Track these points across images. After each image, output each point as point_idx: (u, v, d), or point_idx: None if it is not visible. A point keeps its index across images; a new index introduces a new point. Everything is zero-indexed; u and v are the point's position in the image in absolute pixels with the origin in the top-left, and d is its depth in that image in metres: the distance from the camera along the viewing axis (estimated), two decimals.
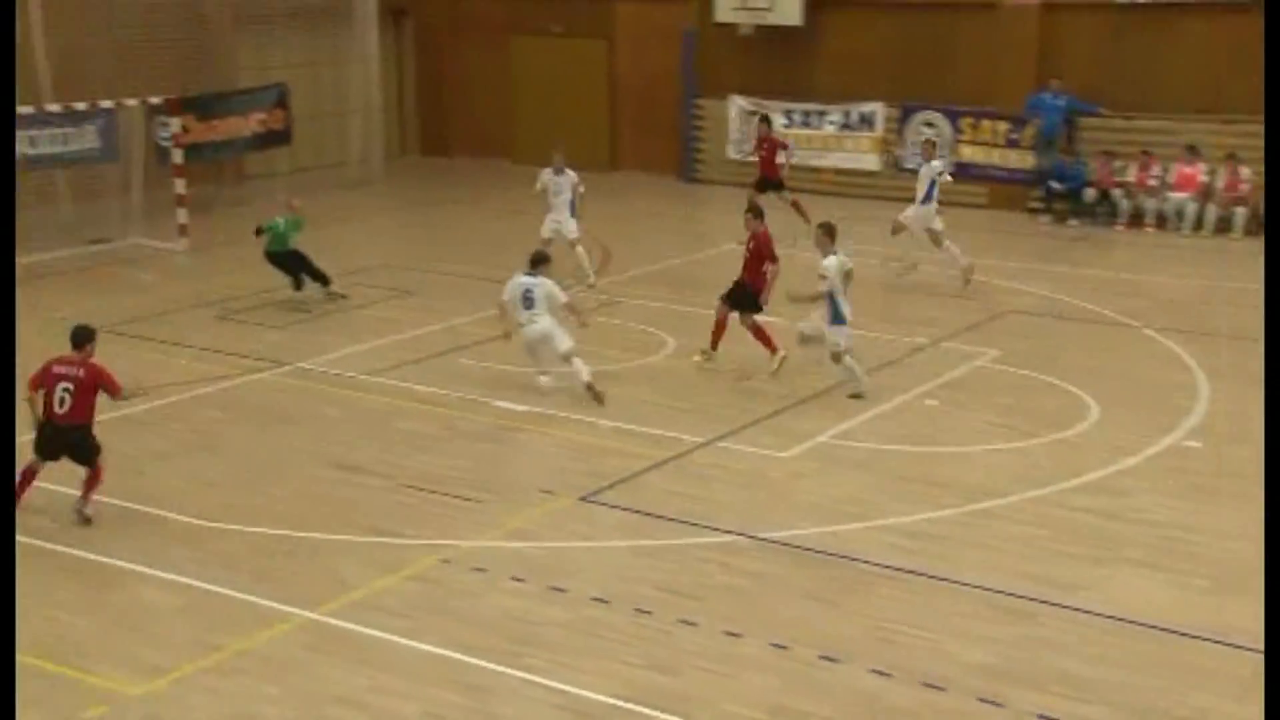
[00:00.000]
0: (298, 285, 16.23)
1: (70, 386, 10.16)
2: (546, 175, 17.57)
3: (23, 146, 17.93)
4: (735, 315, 13.93)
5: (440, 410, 12.72)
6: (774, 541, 10.01)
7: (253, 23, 23.47)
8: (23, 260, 17.49)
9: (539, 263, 13.14)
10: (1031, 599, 9.17)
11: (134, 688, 7.93)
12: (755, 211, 14.62)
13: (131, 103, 19.40)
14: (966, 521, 10.47)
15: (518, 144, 26.74)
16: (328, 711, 7.76)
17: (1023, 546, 10.01)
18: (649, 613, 8.92)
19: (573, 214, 17.28)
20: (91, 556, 9.57)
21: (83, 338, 10.40)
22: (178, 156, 19.60)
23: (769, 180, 20.31)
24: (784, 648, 8.52)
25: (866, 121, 23.91)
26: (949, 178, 18.50)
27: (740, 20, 24.12)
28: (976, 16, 22.96)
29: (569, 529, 10.21)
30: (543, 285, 12.91)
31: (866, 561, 9.69)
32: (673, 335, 15.25)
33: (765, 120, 21.25)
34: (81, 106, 18.66)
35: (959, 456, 11.84)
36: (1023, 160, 22.46)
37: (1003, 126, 22.53)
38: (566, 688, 8.03)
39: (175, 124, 19.65)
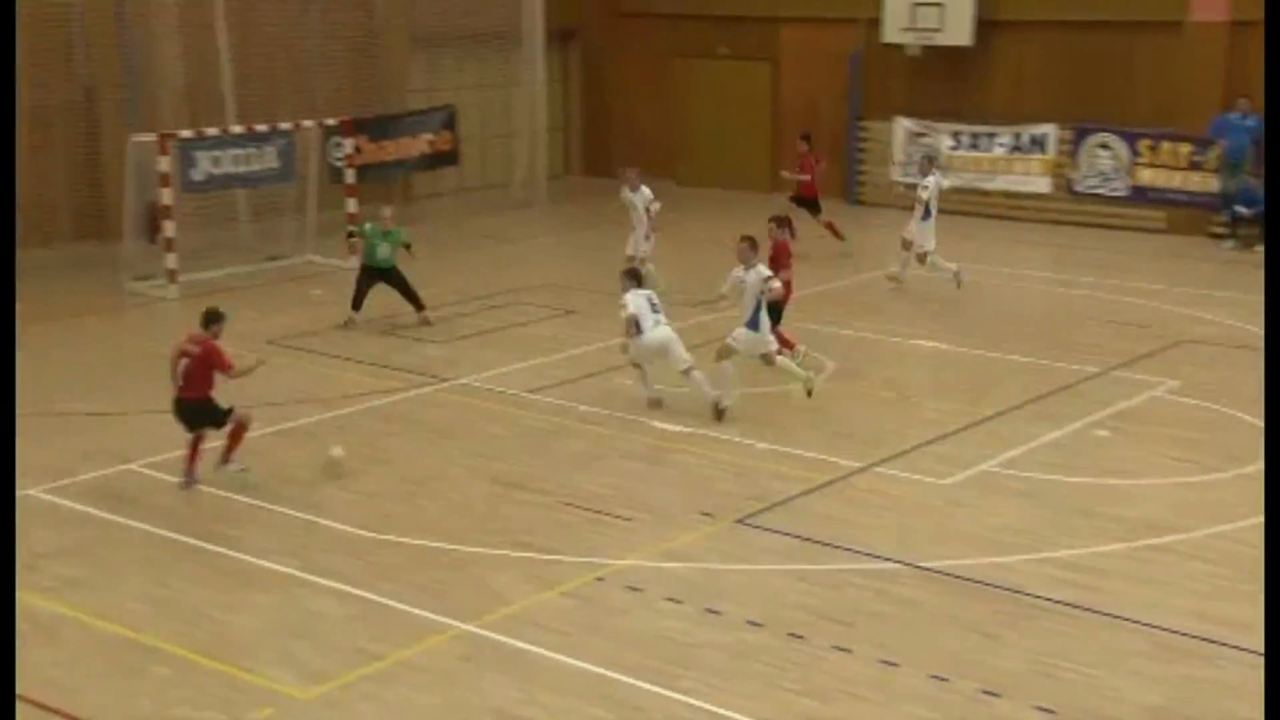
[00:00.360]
0: (355, 305, 16.15)
1: (189, 363, 11.03)
2: (625, 194, 18.07)
3: (206, 166, 18.71)
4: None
5: (598, 429, 12.85)
6: (933, 570, 9.84)
7: (425, 46, 24.13)
8: (202, 275, 18.28)
9: (637, 276, 13.55)
10: (1204, 639, 8.83)
11: (300, 691, 8.17)
12: (778, 220, 15.13)
13: (309, 124, 20.11)
14: (1137, 556, 10.14)
15: (681, 165, 26.92)
16: None
17: (1197, 584, 9.65)
18: (803, 638, 8.85)
19: (646, 233, 17.65)
20: (259, 562, 9.89)
21: (210, 319, 11.25)
22: (350, 176, 20.24)
23: (805, 199, 20.69)
24: (943, 680, 8.36)
25: (1038, 144, 23.42)
26: (947, 183, 18.78)
27: (908, 41, 23.88)
28: (1158, 34, 22.32)
29: (724, 551, 10.19)
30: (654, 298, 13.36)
31: (1030, 594, 9.46)
32: (832, 358, 15.14)
33: (806, 139, 21.28)
34: (263, 128, 19.40)
35: (1131, 489, 11.48)
36: (1205, 183, 21.72)
37: (1185, 149, 21.83)
38: (719, 710, 8.01)
39: (349, 145, 20.30)
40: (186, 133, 18.74)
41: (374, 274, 16.34)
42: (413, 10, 23.43)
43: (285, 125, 19.75)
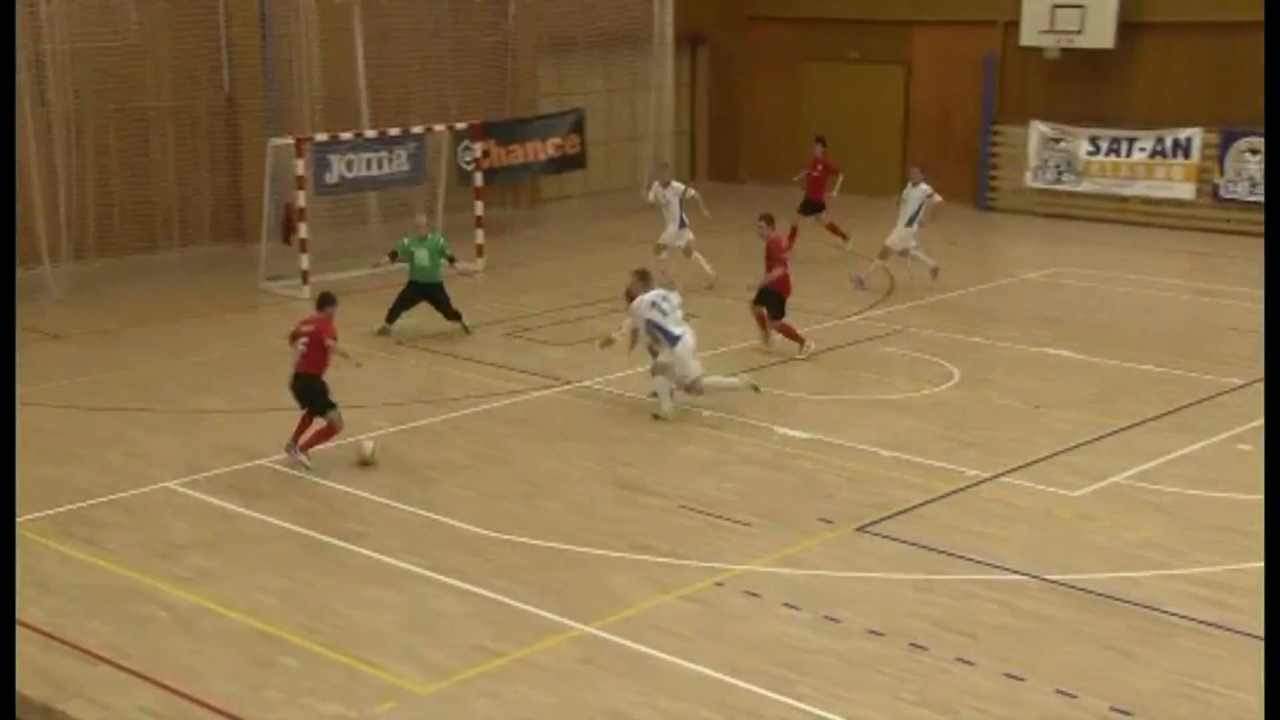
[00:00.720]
0: (389, 318, 16.23)
1: (305, 340, 11.91)
2: (656, 189, 18.88)
3: (339, 169, 19.17)
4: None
5: (721, 434, 12.85)
6: (1061, 584, 9.65)
7: (555, 51, 24.40)
8: (333, 276, 18.70)
9: (648, 276, 13.57)
10: None
11: (421, 687, 8.32)
12: (767, 219, 15.82)
13: (439, 128, 20.48)
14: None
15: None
16: None
17: None
18: (925, 648, 8.75)
19: (682, 224, 18.51)
20: (384, 558, 10.10)
21: (324, 302, 12.26)
22: (478, 179, 20.56)
23: (811, 202, 20.70)
24: (1071, 695, 8.20)
25: (1182, 148, 22.81)
26: (939, 198, 18.51)
27: (1047, 44, 23.45)
28: None
29: (845, 558, 10.13)
30: (672, 296, 13.37)
31: (1166, 611, 9.22)
32: (959, 366, 14.93)
33: (821, 142, 21.33)
34: (395, 132, 19.81)
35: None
36: None
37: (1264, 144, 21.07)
38: (837, 718, 7.96)
39: (478, 148, 20.62)
40: (322, 136, 19.23)
41: (417, 289, 16.32)
42: (543, 16, 23.72)
43: (417, 129, 20.14)
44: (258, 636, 8.92)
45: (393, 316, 16.46)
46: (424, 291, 16.46)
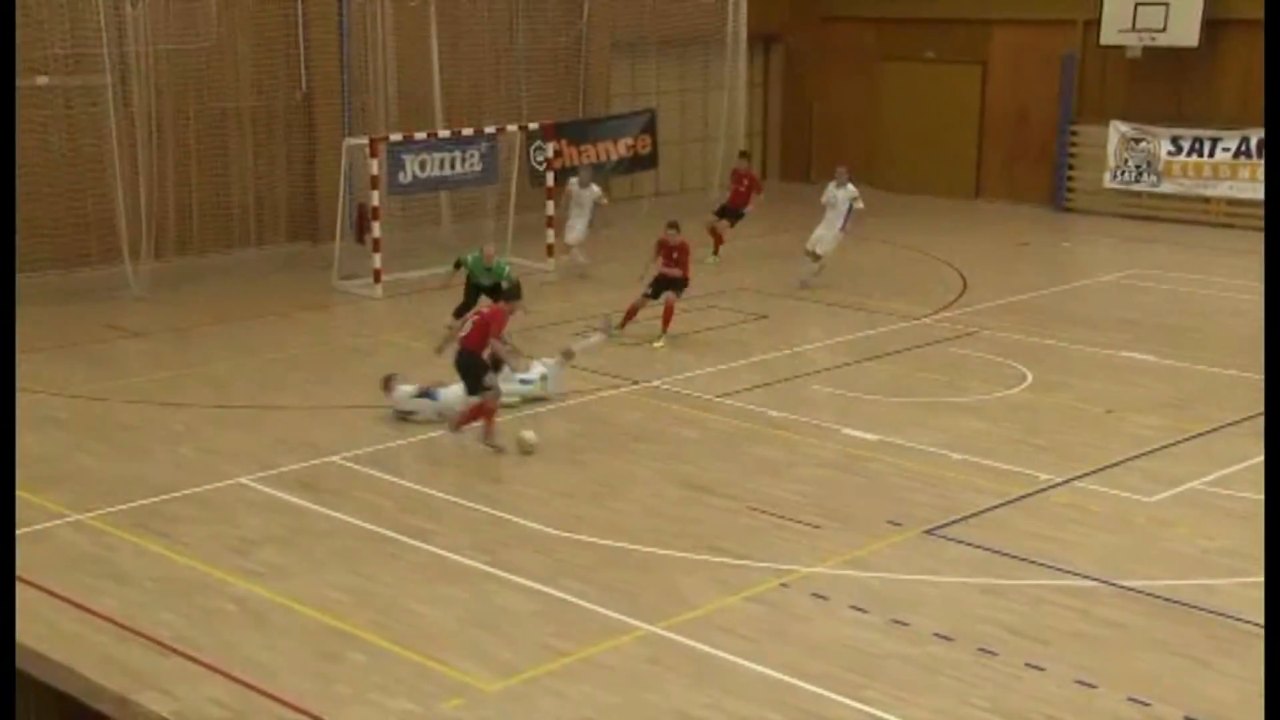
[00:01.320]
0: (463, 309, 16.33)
1: (476, 319, 12.59)
2: (573, 186, 19.37)
3: (413, 169, 19.34)
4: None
5: (789, 435, 12.81)
6: (1137, 591, 9.50)
7: (627, 49, 24.45)
8: (406, 275, 18.89)
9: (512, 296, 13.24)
10: None
11: (488, 684, 8.37)
12: (673, 225, 16.36)
13: (512, 128, 20.60)
14: None
15: (881, 171, 26.59)
16: None
17: None
18: (995, 654, 8.66)
19: (589, 225, 19.25)
20: (451, 556, 10.17)
21: (509, 295, 12.95)
22: (550, 179, 20.65)
23: (731, 209, 20.35)
24: (1145, 704, 8.07)
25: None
26: (862, 204, 18.23)
27: (1129, 42, 23.11)
28: None
29: (914, 561, 10.05)
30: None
31: (1245, 620, 9.04)
32: (1032, 369, 14.76)
33: (745, 155, 21.38)
34: (467, 132, 19.95)
35: None
36: None
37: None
38: None
39: (550, 148, 20.71)
40: (396, 136, 19.42)
41: (478, 290, 16.46)
42: (617, 16, 23.77)
43: (489, 129, 20.27)
44: (327, 632, 9.03)
45: (460, 312, 16.68)
46: (486, 290, 16.59)
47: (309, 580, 9.78)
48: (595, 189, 19.60)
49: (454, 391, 12.93)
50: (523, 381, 13.53)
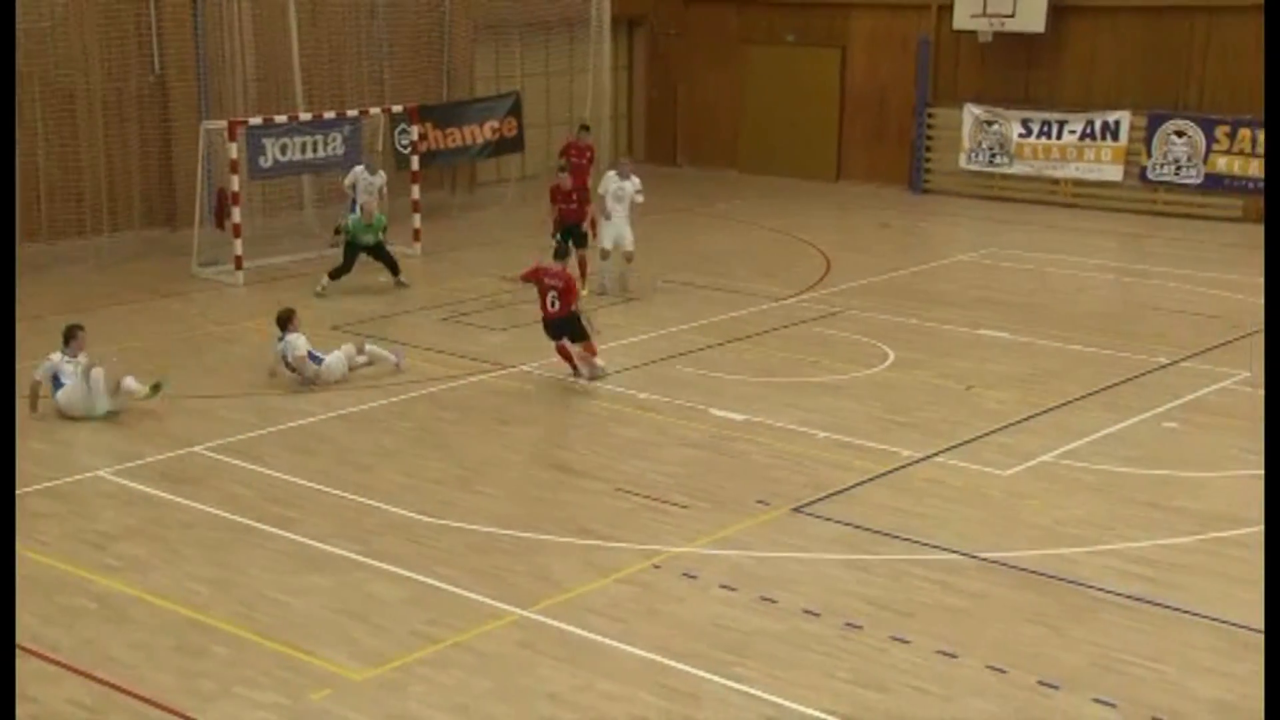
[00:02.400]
0: (341, 271, 17.33)
1: (556, 292, 13.63)
2: (361, 174, 18.76)
3: (274, 153, 18.90)
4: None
5: (658, 417, 12.85)
6: (994, 562, 9.74)
7: (491, 33, 24.21)
8: (268, 261, 18.50)
9: (286, 321, 13.65)
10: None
11: (357, 674, 8.24)
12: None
13: (375, 111, 20.27)
14: (1205, 550, 9.97)
15: (744, 153, 26.82)
16: (538, 708, 7.92)
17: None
18: (860, 628, 8.80)
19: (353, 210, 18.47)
20: (318, 544, 9.99)
21: (562, 254, 14.27)
22: (415, 163, 20.38)
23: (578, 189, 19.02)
24: (1002, 671, 8.27)
25: (1111, 131, 23.07)
26: (640, 199, 17.47)
27: (979, 27, 23.61)
28: (1236, 18, 21.90)
29: (781, 540, 10.16)
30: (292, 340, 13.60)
31: (1093, 587, 9.33)
32: (894, 348, 15.03)
33: (586, 129, 20.72)
34: (330, 115, 19.56)
35: (1199, 482, 11.28)
36: None
37: (1263, 135, 21.41)
38: (774, 699, 7.98)
39: (414, 132, 20.43)
40: (255, 119, 18.96)
41: (360, 248, 17.50)
42: None
43: (352, 112, 19.92)
44: (189, 625, 8.80)
45: (338, 275, 17.20)
46: (368, 249, 17.44)
47: (170, 573, 9.53)
48: (383, 175, 18.96)
49: (336, 358, 13.58)
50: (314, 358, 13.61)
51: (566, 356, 13.84)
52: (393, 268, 17.73)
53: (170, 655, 8.43)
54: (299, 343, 13.57)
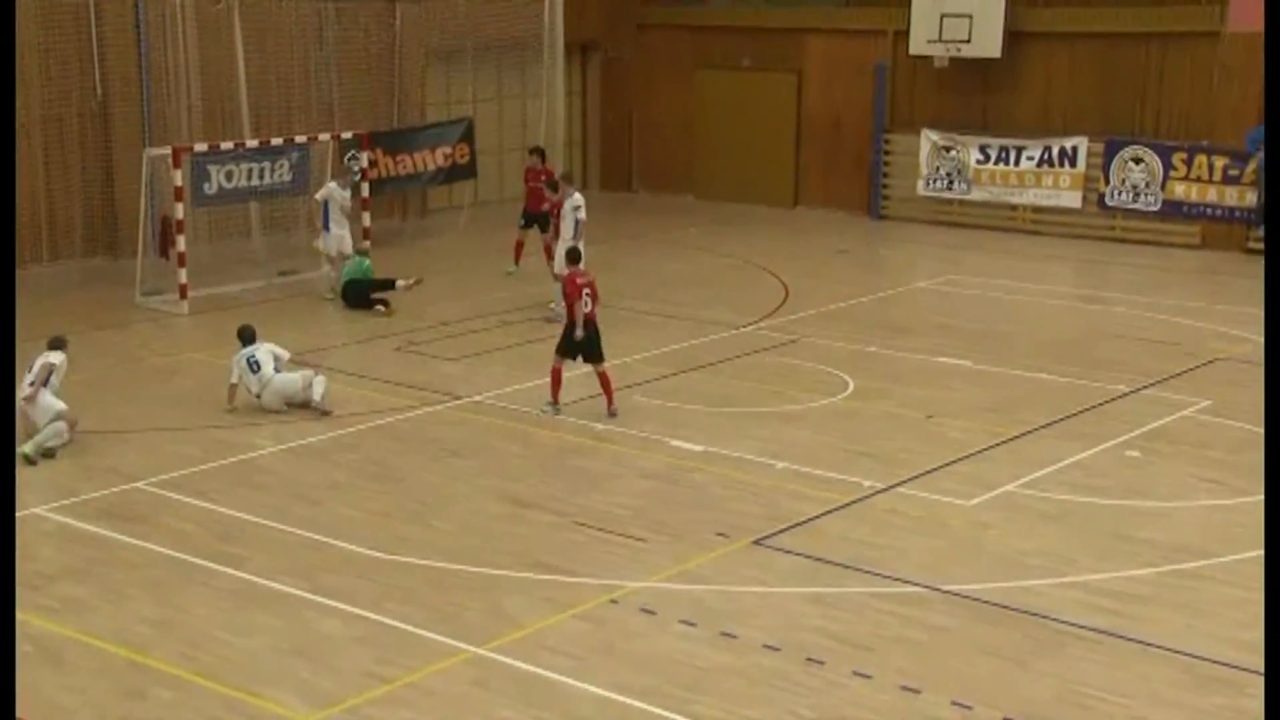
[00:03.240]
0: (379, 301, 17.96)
1: (590, 292, 13.57)
2: (332, 188, 18.87)
3: (220, 180, 18.77)
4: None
5: (614, 448, 12.81)
6: (956, 594, 9.75)
7: (442, 56, 24.19)
8: (214, 291, 18.33)
9: (250, 340, 13.87)
10: (1238, 667, 8.71)
11: (305, 716, 8.13)
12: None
13: (324, 137, 20.18)
14: (1169, 582, 10.03)
15: (700, 179, 26.92)
16: None
17: (1231, 610, 9.53)
18: (822, 662, 8.78)
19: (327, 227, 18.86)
20: (266, 583, 9.87)
21: (575, 256, 14.43)
22: (365, 190, 20.29)
23: (534, 214, 19.49)
24: (966, 707, 8.27)
25: (1068, 157, 23.32)
26: (583, 215, 17.61)
27: (936, 53, 23.84)
28: (1192, 45, 22.23)
29: (741, 573, 10.13)
30: (261, 346, 13.86)
31: (1058, 620, 9.36)
32: (854, 376, 15.07)
33: (538, 152, 20.55)
34: (277, 141, 19.45)
35: (1162, 512, 11.36)
36: (1242, 198, 21.61)
37: (1220, 162, 21.73)
38: None
39: (365, 158, 20.35)
40: (201, 145, 18.82)
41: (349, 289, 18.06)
42: (431, 22, 23.50)
43: (300, 138, 19.82)
44: (131, 668, 8.66)
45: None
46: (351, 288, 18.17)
47: (110, 614, 9.37)
48: (348, 192, 19.05)
49: (286, 379, 13.75)
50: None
51: (557, 383, 13.66)
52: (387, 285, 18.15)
53: (110, 699, 8.29)
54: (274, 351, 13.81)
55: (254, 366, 13.70)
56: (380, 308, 17.89)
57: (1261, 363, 15.62)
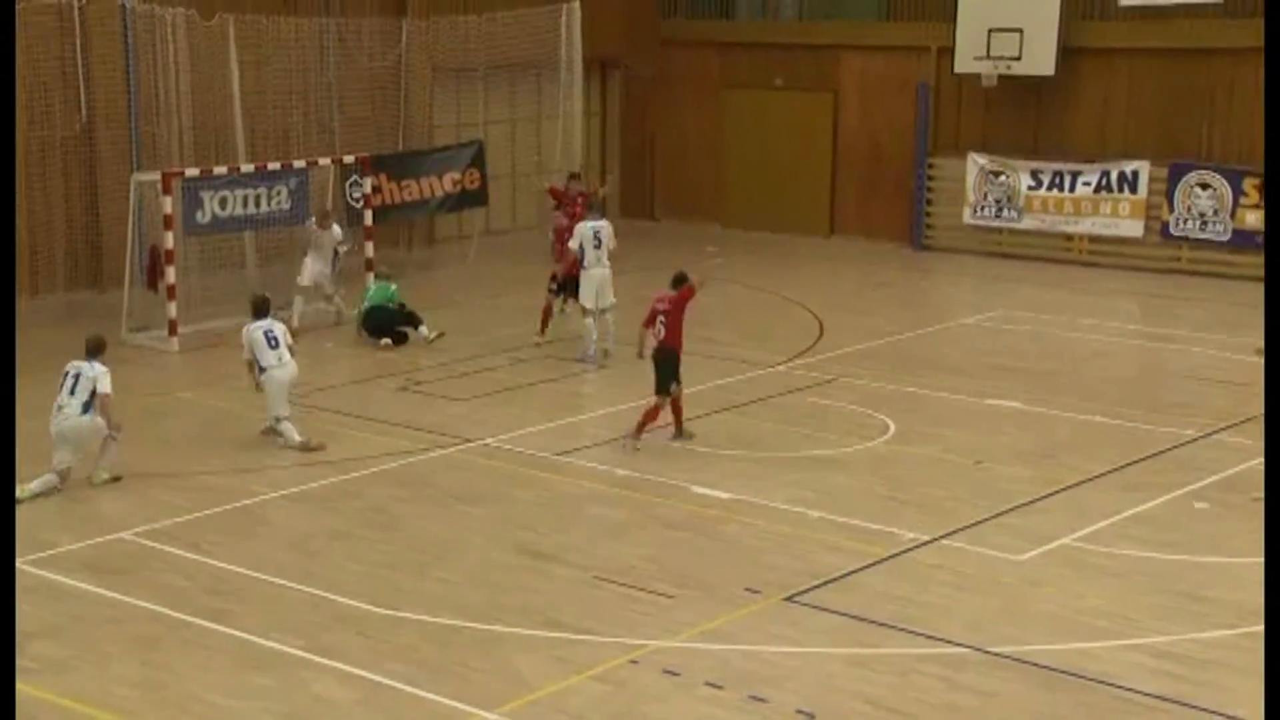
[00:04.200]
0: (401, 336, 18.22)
1: (665, 316, 14.10)
2: (311, 226, 19.42)
3: (212, 207, 18.94)
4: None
5: (636, 495, 12.83)
6: (1007, 657, 9.71)
7: (451, 75, 24.41)
8: (206, 326, 18.46)
9: (264, 312, 14.35)
10: None
11: None
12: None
13: (324, 162, 20.36)
14: (1240, 645, 9.96)
15: (728, 207, 27.03)
16: None
17: None
18: None
19: (334, 269, 19.47)
20: (259, 640, 9.90)
21: (679, 280, 14.45)
22: (368, 218, 20.45)
23: (569, 278, 18.44)
24: None
25: (1128, 182, 23.36)
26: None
27: (983, 70, 23.93)
28: (1262, 61, 22.23)
29: (772, 631, 10.12)
30: (278, 324, 14.32)
31: (1118, 686, 9.30)
32: (895, 419, 15.07)
33: (576, 178, 21.10)
34: (274, 166, 19.63)
35: (1232, 569, 11.30)
36: None
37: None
38: None
39: (367, 184, 20.52)
40: (193, 171, 19.02)
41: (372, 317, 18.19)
42: (439, 38, 23.74)
43: (299, 163, 20.00)
44: None
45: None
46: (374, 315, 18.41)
47: (92, 675, 9.41)
48: (337, 230, 19.41)
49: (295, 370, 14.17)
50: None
51: (651, 418, 13.93)
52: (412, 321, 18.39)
53: None
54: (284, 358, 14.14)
55: (272, 341, 14.03)
56: (387, 340, 17.96)
57: None
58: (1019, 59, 23.53)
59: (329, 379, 16.72)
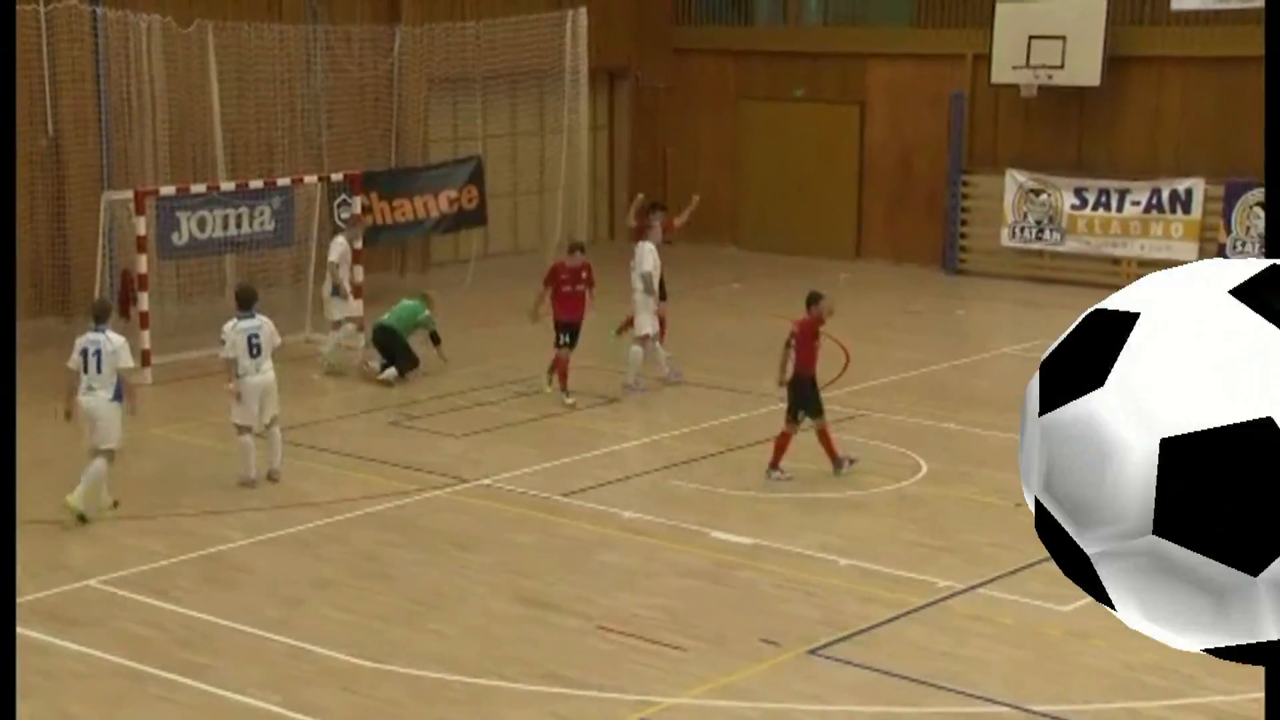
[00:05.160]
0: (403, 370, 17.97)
1: (796, 338, 14.44)
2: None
3: (190, 229, 19.00)
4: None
5: (646, 540, 12.81)
6: (1051, 716, 9.66)
7: (448, 86, 24.52)
8: (182, 356, 18.49)
9: (251, 301, 14.19)
10: None
11: None
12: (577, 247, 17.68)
13: (311, 179, 20.44)
14: None
15: (745, 227, 27.06)
16: None
17: None
18: None
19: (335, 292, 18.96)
20: (235, 696, 9.88)
21: (812, 299, 14.43)
22: (359, 240, 20.47)
23: (569, 323, 17.84)
24: None
25: (1181, 202, 23.35)
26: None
27: (1023, 81, 23.97)
28: None
29: (793, 688, 10.08)
30: (265, 326, 14.07)
31: None
32: (927, 458, 15.04)
33: (580, 249, 18.89)
34: (257, 184, 19.70)
35: None
36: None
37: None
38: None
39: (356, 203, 20.59)
40: (168, 189, 19.09)
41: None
42: (434, 46, 23.85)
43: (283, 181, 20.07)
44: None
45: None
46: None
47: None
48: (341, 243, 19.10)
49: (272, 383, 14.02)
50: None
51: (780, 446, 14.16)
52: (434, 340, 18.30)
53: None
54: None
55: (254, 350, 13.92)
56: (391, 372, 17.82)
57: None
58: (1061, 68, 23.56)
59: (317, 413, 16.72)
